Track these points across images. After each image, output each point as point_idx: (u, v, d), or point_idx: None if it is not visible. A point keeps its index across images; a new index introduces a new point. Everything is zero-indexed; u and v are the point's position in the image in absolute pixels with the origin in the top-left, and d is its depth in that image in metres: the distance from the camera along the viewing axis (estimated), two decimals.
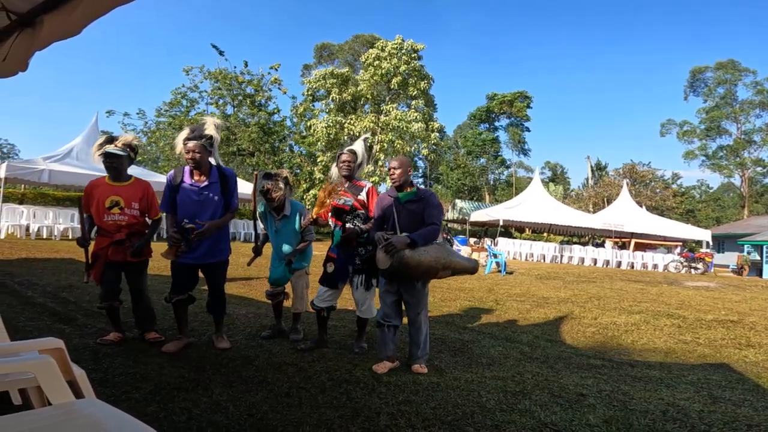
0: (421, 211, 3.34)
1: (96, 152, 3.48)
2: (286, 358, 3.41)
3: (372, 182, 22.05)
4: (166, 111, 25.40)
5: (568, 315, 6.34)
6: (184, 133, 3.37)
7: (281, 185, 3.75)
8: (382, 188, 27.05)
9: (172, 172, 3.47)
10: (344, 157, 3.68)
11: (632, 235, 22.04)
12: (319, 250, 5.03)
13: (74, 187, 17.54)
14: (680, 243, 23.30)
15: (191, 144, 3.28)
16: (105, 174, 3.56)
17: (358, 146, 3.70)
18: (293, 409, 2.49)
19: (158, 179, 14.12)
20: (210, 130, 3.36)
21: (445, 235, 11.46)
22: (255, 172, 3.92)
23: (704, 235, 21.53)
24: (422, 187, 3.51)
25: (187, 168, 3.42)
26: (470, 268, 3.47)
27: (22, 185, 18.57)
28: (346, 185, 3.70)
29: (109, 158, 3.43)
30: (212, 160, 3.46)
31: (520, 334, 4.94)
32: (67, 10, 1.84)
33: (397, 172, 3.39)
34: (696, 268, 18.20)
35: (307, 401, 2.61)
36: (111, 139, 3.50)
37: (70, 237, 12.87)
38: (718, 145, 43.95)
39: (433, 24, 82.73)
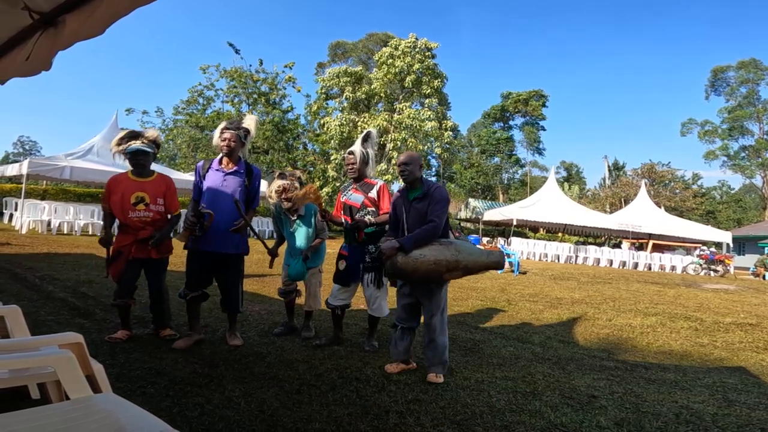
0: (426, 208, 3.11)
1: (116, 147, 3.48)
2: (297, 355, 3.45)
3: (385, 180, 22.10)
4: (183, 109, 25.74)
5: (582, 316, 6.28)
6: (222, 125, 3.49)
7: (296, 185, 3.79)
8: (395, 187, 27.08)
9: (202, 162, 3.57)
10: (346, 161, 3.74)
11: (650, 236, 21.68)
12: (333, 248, 5.06)
13: (95, 183, 17.92)
14: (700, 244, 22.84)
15: (228, 133, 3.41)
16: (124, 170, 3.62)
17: (356, 146, 3.72)
18: (303, 405, 2.52)
19: (175, 176, 14.35)
20: (247, 124, 3.49)
21: (457, 234, 11.37)
22: (274, 171, 3.96)
23: (724, 236, 21.09)
24: (431, 180, 3.29)
25: (216, 158, 3.54)
26: (490, 263, 3.08)
27: (44, 181, 19.05)
28: (358, 184, 3.74)
29: (137, 155, 3.46)
30: (240, 156, 3.56)
31: (532, 335, 4.91)
32: (88, 10, 1.87)
33: (408, 168, 3.19)
34: (715, 270, 17.84)
35: (318, 398, 2.63)
36: (135, 135, 3.51)
37: (90, 232, 13.15)
38: (740, 145, 43.01)
39: (447, 22, 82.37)
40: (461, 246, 3.04)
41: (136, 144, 3.44)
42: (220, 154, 3.51)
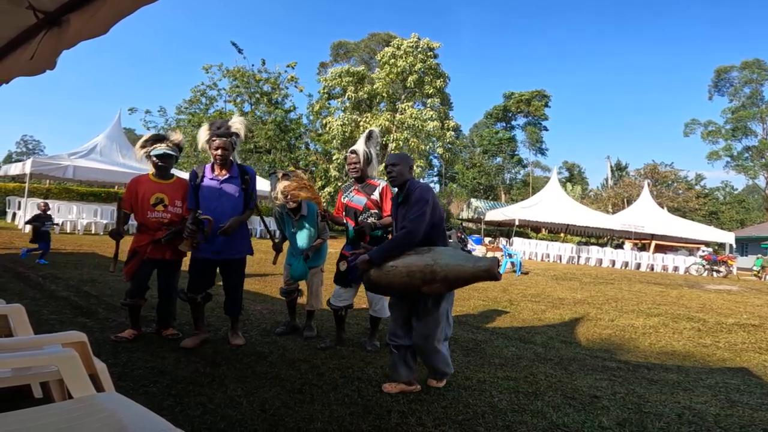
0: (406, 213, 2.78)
1: (141, 150, 3.50)
2: (299, 354, 3.45)
3: (386, 181, 21.94)
4: (186, 108, 25.77)
5: (584, 316, 6.26)
6: (206, 127, 3.43)
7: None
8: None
9: (194, 169, 3.55)
10: (349, 160, 3.69)
11: (652, 236, 21.62)
12: (334, 248, 5.05)
13: (98, 182, 18.00)
14: (702, 245, 22.76)
15: (220, 141, 3.36)
16: (130, 170, 3.62)
17: (359, 145, 3.67)
18: (305, 405, 2.52)
19: (178, 175, 14.38)
20: (236, 128, 3.45)
21: (459, 234, 11.34)
22: (277, 171, 3.94)
23: (727, 237, 21.02)
24: (418, 181, 2.94)
25: (208, 164, 3.52)
26: (477, 273, 2.53)
27: (47, 180, 19.08)
28: (360, 185, 3.71)
29: (162, 158, 3.48)
30: (231, 160, 3.54)
31: (534, 335, 4.90)
32: (92, 10, 1.87)
33: (396, 168, 2.89)
34: (718, 271, 17.79)
35: (319, 398, 2.64)
36: (160, 138, 3.53)
37: (93, 231, 13.17)
38: (744, 145, 42.87)
39: (448, 22, 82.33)
40: (440, 253, 2.58)
41: (161, 147, 3.47)
42: (212, 161, 3.49)
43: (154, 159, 3.48)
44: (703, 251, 18.96)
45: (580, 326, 5.65)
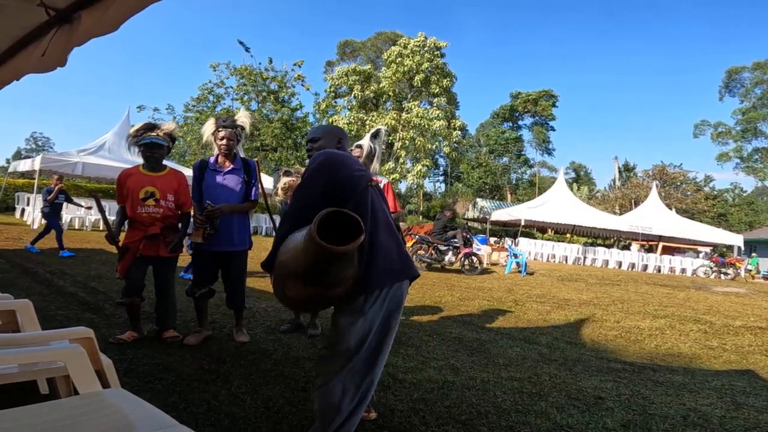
0: None
1: (132, 138, 3.38)
2: (303, 352, 3.47)
3: (392, 179, 22.11)
4: (193, 106, 25.90)
5: (590, 318, 6.23)
6: (212, 121, 3.46)
7: None
8: (402, 186, 26.92)
9: (198, 162, 3.56)
10: (353, 154, 3.67)
11: (660, 238, 21.46)
12: None
13: (106, 179, 18.11)
14: (708, 248, 22.56)
15: (226, 132, 3.38)
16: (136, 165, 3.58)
17: (365, 140, 3.64)
18: (309, 403, 2.53)
19: (186, 173, 14.46)
20: (242, 121, 3.48)
21: (464, 234, 11.31)
22: (280, 168, 3.96)
23: (736, 239, 20.82)
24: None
25: (212, 157, 3.55)
26: (308, 246, 1.54)
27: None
28: None
29: (151, 148, 3.35)
30: (235, 152, 3.57)
31: (539, 336, 4.89)
32: (104, 6, 1.88)
33: (315, 145, 2.16)
34: (726, 273, 17.64)
35: None
36: (152, 127, 3.40)
37: (101, 228, 13.28)
38: (754, 147, 42.48)
39: (449, 22, 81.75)
40: (292, 235, 1.78)
41: (151, 136, 3.34)
42: (216, 153, 3.50)
43: (142, 148, 3.36)
44: (699, 251, 18.80)
45: (586, 327, 5.62)
